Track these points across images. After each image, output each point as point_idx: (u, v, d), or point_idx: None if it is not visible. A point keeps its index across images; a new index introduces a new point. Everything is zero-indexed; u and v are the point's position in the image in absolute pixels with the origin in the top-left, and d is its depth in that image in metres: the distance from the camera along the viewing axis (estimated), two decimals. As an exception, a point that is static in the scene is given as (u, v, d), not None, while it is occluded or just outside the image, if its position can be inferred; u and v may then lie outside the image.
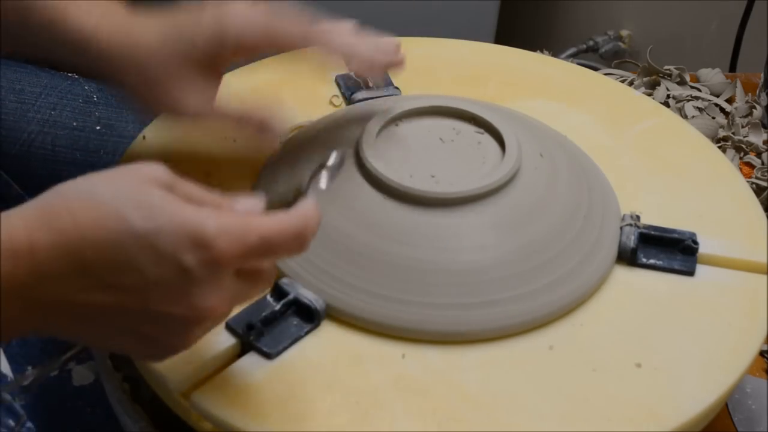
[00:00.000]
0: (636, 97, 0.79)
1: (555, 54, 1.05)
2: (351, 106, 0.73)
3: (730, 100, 0.98)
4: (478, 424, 0.52)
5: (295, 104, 0.72)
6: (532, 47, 0.88)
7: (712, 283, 0.60)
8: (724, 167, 0.70)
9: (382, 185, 0.59)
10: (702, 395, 0.53)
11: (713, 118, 0.94)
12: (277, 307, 0.56)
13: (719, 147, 0.84)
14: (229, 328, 0.55)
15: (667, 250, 0.61)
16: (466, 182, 0.59)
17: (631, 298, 0.59)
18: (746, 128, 0.92)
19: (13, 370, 0.68)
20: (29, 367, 0.68)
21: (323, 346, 0.55)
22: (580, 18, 1.70)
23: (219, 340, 0.55)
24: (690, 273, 0.61)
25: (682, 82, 0.99)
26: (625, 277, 0.61)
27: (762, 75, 0.96)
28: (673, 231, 0.62)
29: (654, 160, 0.70)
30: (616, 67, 1.06)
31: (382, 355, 0.55)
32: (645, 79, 1.00)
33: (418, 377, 0.54)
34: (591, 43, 1.60)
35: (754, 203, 0.66)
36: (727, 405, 0.65)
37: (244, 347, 0.55)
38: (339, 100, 0.74)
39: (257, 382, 0.53)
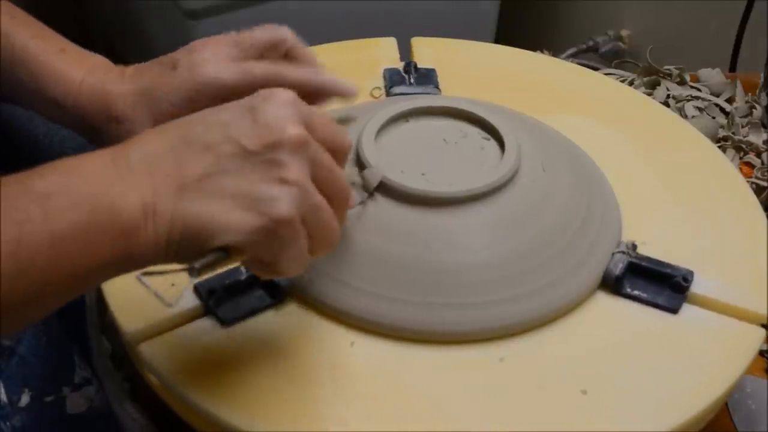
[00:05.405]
0: (676, 123, 0.76)
1: (555, 54, 1.05)
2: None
3: (730, 100, 0.98)
4: (420, 420, 0.52)
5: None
6: (532, 47, 0.88)
7: (694, 323, 0.58)
8: (748, 201, 0.67)
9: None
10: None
11: (713, 118, 0.94)
12: (243, 277, 0.57)
13: (719, 147, 0.84)
14: (196, 291, 0.56)
15: (656, 283, 0.59)
16: (455, 184, 0.58)
17: (604, 325, 0.58)
18: (746, 128, 0.92)
19: (10, 392, 0.67)
20: (25, 389, 0.69)
21: (285, 327, 0.56)
22: (580, 18, 1.70)
23: (183, 300, 0.56)
24: (674, 310, 0.58)
25: (682, 82, 0.99)
26: (606, 303, 0.59)
27: (762, 75, 0.96)
28: (668, 266, 0.60)
29: (679, 192, 0.67)
30: (616, 67, 1.06)
31: (332, 341, 0.55)
32: (645, 79, 1.00)
33: (359, 367, 0.54)
34: (591, 43, 1.61)
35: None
36: (727, 405, 0.65)
37: (206, 311, 0.56)
38: (379, 92, 0.74)
39: (205, 345, 0.54)
